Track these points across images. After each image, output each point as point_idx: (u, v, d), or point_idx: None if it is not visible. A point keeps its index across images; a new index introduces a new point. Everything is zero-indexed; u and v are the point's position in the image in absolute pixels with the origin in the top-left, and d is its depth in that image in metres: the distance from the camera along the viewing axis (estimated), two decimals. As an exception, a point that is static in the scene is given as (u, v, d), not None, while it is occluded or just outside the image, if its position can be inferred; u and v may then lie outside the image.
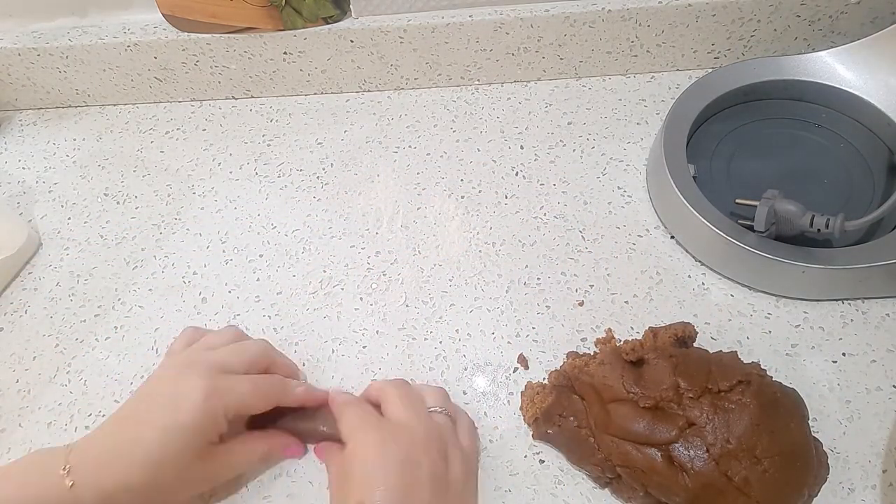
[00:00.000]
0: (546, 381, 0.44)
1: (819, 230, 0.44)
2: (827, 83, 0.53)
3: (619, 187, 0.55)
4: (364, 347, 0.48)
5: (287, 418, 0.42)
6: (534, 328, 0.47)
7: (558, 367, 0.44)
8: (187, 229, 0.57)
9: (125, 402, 0.39)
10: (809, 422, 0.38)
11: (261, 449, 0.40)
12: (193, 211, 0.58)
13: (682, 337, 0.41)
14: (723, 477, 0.35)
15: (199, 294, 0.52)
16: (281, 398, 0.40)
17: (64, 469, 0.34)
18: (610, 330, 0.46)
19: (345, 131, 0.63)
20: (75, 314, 0.52)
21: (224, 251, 0.55)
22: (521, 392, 0.44)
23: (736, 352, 0.41)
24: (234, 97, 0.67)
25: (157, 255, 0.55)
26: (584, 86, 0.63)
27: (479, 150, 0.59)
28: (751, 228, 0.45)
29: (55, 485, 0.34)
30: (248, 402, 0.38)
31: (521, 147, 0.59)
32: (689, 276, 0.49)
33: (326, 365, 0.47)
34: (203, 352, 0.41)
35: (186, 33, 0.61)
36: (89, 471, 0.35)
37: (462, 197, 0.56)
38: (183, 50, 0.62)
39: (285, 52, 0.62)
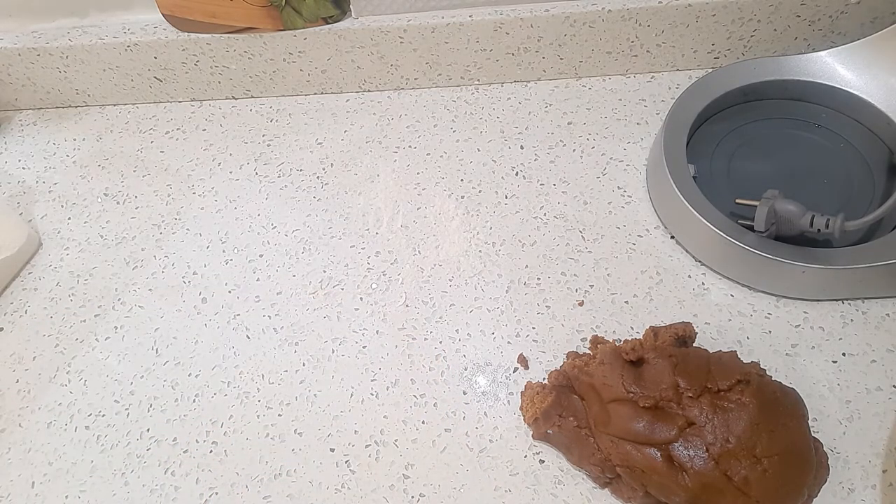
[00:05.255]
0: (546, 381, 0.44)
1: (819, 230, 0.44)
2: (827, 83, 0.53)
3: (619, 187, 0.55)
4: (364, 347, 0.48)
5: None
6: (534, 328, 0.47)
7: (558, 367, 0.44)
8: (187, 229, 0.57)
9: None
10: (809, 422, 0.38)
11: None
12: (193, 211, 0.58)
13: (683, 336, 0.42)
14: (723, 476, 0.35)
15: (199, 294, 0.52)
16: None
17: None
18: (595, 336, 0.46)
19: (345, 131, 0.63)
20: (75, 314, 0.52)
21: (224, 251, 0.55)
22: (521, 392, 0.44)
23: (735, 351, 0.41)
24: (234, 97, 0.67)
25: (157, 255, 0.55)
26: (584, 86, 0.63)
27: (479, 150, 0.59)
28: (751, 228, 0.45)
29: None
30: None
31: (521, 147, 0.59)
32: (689, 276, 0.49)
33: (326, 365, 0.47)
34: None
35: (186, 33, 0.61)
36: None
37: (462, 197, 0.56)
38: (183, 50, 0.62)
39: (285, 52, 0.62)
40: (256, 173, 0.60)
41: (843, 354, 0.44)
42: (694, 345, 0.42)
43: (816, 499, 0.38)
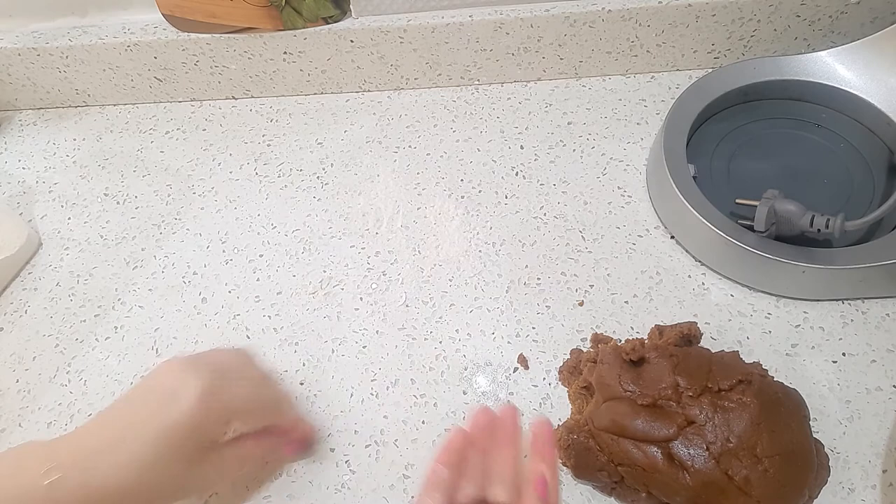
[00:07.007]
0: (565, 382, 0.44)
1: (819, 230, 0.44)
2: (827, 83, 0.53)
3: (619, 187, 0.55)
4: (364, 347, 0.48)
5: None
6: (534, 328, 0.47)
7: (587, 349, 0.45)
8: (187, 229, 0.57)
9: (117, 398, 0.36)
10: (810, 422, 0.38)
11: (256, 453, 0.38)
12: (193, 211, 0.58)
13: (688, 335, 0.41)
14: (724, 476, 0.35)
15: (199, 294, 0.52)
16: (279, 417, 0.39)
17: (46, 467, 0.32)
18: (596, 334, 0.46)
19: (345, 131, 0.63)
20: (75, 314, 0.52)
21: (224, 251, 0.55)
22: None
23: (737, 352, 0.41)
24: (234, 97, 0.67)
25: (157, 255, 0.55)
26: (584, 86, 0.63)
27: (479, 150, 0.59)
28: (751, 228, 0.45)
29: (31, 482, 0.31)
30: (246, 408, 0.36)
31: (521, 147, 0.59)
32: (689, 276, 0.49)
33: (326, 365, 0.47)
34: (206, 354, 0.38)
35: (186, 33, 0.61)
36: (74, 469, 0.32)
37: (462, 197, 0.56)
38: (183, 50, 0.62)
39: (285, 52, 0.62)
40: (256, 173, 0.60)
41: (843, 354, 0.44)
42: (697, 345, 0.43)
43: (817, 499, 0.38)
